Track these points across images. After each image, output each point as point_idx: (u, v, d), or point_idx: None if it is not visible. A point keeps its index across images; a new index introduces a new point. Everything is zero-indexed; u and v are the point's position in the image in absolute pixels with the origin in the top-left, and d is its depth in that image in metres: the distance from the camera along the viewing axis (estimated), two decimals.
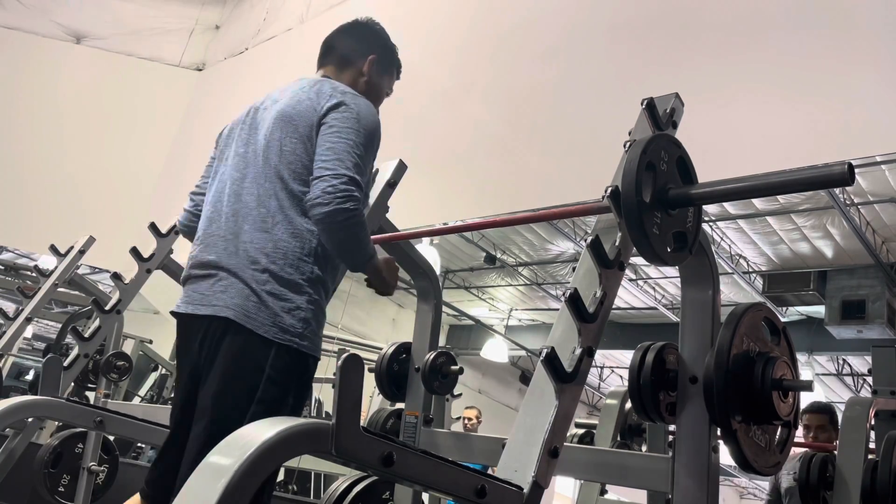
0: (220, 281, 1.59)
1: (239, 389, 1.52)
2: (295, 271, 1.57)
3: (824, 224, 6.87)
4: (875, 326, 6.87)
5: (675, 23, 3.39)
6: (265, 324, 1.53)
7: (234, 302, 1.55)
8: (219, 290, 1.58)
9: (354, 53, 1.89)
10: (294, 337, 1.55)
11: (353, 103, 1.68)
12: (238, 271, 1.58)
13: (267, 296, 1.54)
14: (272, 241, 1.58)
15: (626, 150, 1.41)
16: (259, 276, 1.56)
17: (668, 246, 1.40)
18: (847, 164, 1.21)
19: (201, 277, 1.64)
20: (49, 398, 2.28)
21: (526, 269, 9.38)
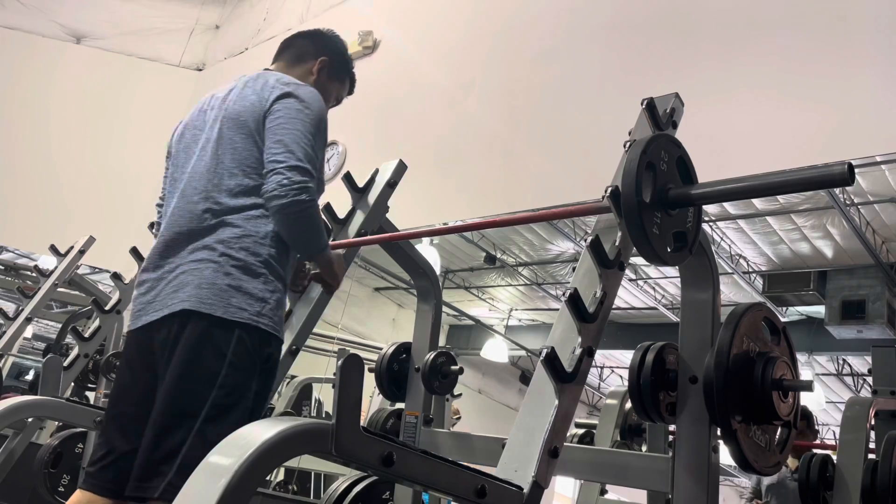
0: (171, 281, 1.58)
1: (200, 375, 1.49)
2: (249, 254, 1.57)
3: (824, 224, 6.87)
4: (875, 326, 6.87)
5: (675, 23, 3.39)
6: (221, 305, 1.52)
7: (188, 293, 1.54)
8: (171, 290, 1.57)
9: (307, 53, 1.92)
10: (252, 315, 1.53)
11: (297, 92, 1.69)
12: (193, 262, 1.57)
13: (223, 278, 1.54)
14: (227, 230, 1.59)
15: (626, 150, 1.41)
16: (214, 262, 1.56)
17: (668, 246, 1.40)
18: (847, 164, 1.21)
19: (153, 282, 1.62)
20: (49, 398, 2.28)
21: (526, 269, 9.38)
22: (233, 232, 1.59)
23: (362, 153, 4.53)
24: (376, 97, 4.68)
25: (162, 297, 1.58)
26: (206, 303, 1.52)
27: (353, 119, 4.87)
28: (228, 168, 1.65)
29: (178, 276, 1.57)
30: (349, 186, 2.34)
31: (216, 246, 1.57)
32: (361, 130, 4.64)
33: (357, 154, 4.61)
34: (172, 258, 1.61)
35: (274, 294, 1.59)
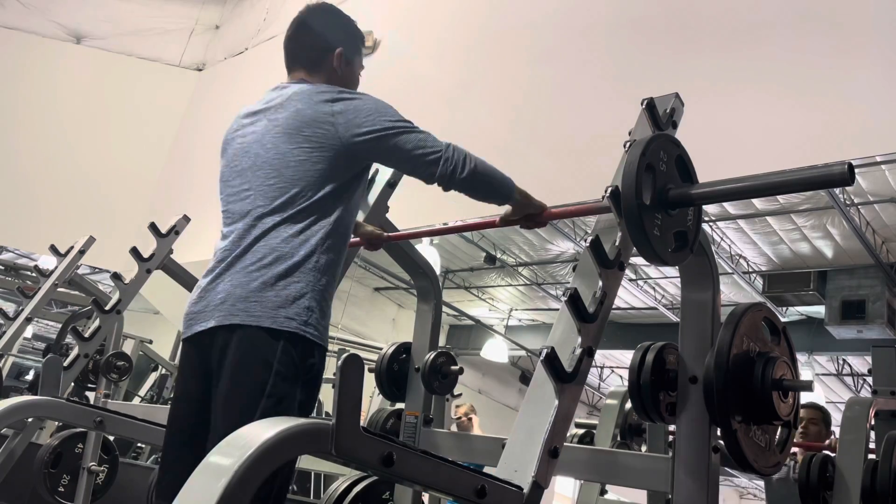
0: (220, 292, 1.59)
1: (249, 386, 1.51)
2: (296, 265, 1.57)
3: (824, 224, 6.87)
4: (875, 326, 6.87)
5: (675, 23, 3.38)
6: (268, 315, 1.52)
7: (235, 306, 1.55)
8: (218, 301, 1.58)
9: (320, 54, 1.86)
10: (300, 325, 1.54)
11: (361, 107, 1.68)
12: (239, 274, 1.58)
13: (269, 289, 1.54)
14: (275, 241, 1.59)
15: (626, 150, 1.41)
16: (261, 272, 1.56)
17: (669, 246, 1.40)
18: (847, 164, 1.21)
19: (203, 291, 1.64)
20: (49, 398, 2.28)
21: (526, 269, 9.39)
22: (280, 243, 1.58)
23: None
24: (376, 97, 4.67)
25: (210, 308, 1.59)
26: (254, 315, 1.53)
27: None
28: (276, 182, 1.63)
29: (227, 286, 1.58)
30: None
31: (264, 257, 1.57)
32: None
33: None
34: (225, 270, 1.61)
35: (320, 304, 1.59)
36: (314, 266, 1.59)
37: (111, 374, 3.63)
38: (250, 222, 1.62)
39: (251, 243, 1.60)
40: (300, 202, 1.61)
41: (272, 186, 1.63)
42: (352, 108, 1.67)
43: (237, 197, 1.69)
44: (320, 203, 1.62)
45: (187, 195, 5.87)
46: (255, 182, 1.67)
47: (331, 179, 1.63)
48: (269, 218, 1.61)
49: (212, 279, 1.62)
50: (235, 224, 1.66)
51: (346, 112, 1.66)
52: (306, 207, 1.61)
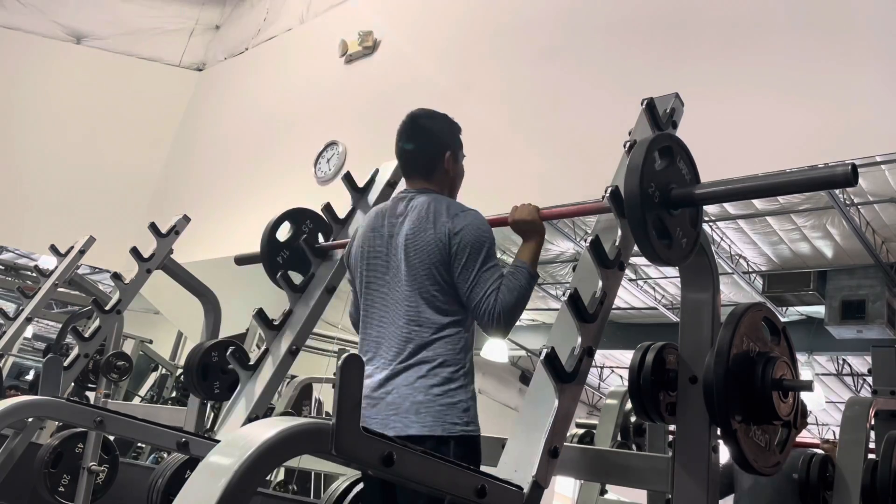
0: (390, 402, 1.70)
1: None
2: (452, 372, 1.69)
3: (824, 224, 6.86)
4: (875, 326, 6.86)
5: (675, 23, 3.39)
6: (440, 424, 1.64)
7: (409, 418, 1.65)
8: (391, 411, 1.68)
9: (433, 160, 1.95)
10: (463, 427, 1.67)
11: (468, 229, 1.77)
12: (406, 385, 1.69)
13: (434, 399, 1.66)
14: (430, 352, 1.71)
15: (626, 151, 1.41)
16: (425, 384, 1.68)
17: (671, 245, 1.41)
18: (850, 165, 1.21)
19: (372, 399, 1.73)
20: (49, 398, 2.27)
21: None
22: (435, 353, 1.71)
23: (362, 153, 4.53)
24: (376, 97, 4.67)
25: (382, 415, 1.69)
26: (427, 425, 1.64)
27: (352, 119, 4.87)
28: (422, 295, 1.76)
29: (395, 398, 1.69)
30: (349, 186, 2.34)
31: (423, 368, 1.70)
32: (361, 130, 4.64)
33: (357, 154, 4.60)
34: (388, 380, 1.72)
35: (473, 400, 1.73)
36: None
37: (111, 374, 3.63)
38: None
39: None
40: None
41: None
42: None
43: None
44: None
45: (187, 195, 5.88)
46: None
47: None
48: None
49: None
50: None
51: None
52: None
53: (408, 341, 1.72)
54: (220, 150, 5.91)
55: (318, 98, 5.14)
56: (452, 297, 1.75)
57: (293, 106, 5.29)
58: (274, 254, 2.40)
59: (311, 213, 2.49)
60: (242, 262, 2.79)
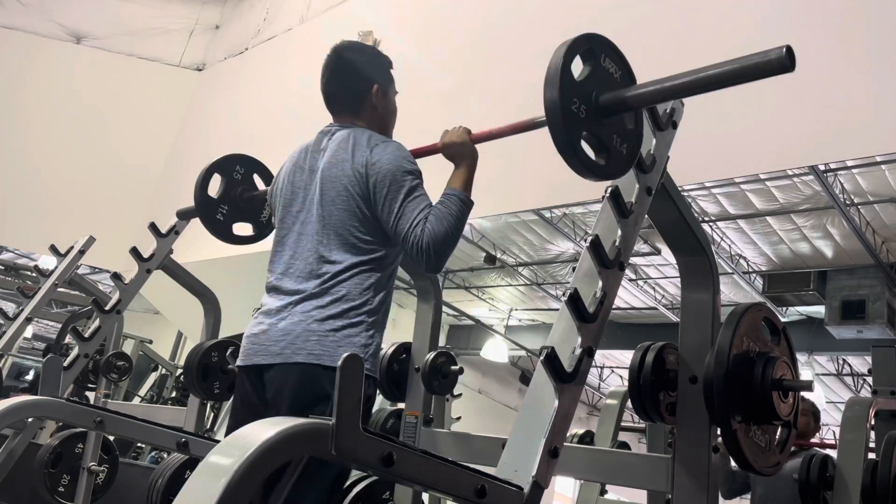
0: (282, 329, 1.66)
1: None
2: (353, 308, 1.65)
3: (824, 224, 6.87)
4: (875, 326, 6.87)
5: (674, 23, 3.39)
6: (328, 355, 1.59)
7: (299, 346, 1.61)
8: (279, 335, 1.64)
9: (357, 93, 1.90)
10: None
11: (387, 159, 1.72)
12: (303, 313, 1.65)
13: (331, 333, 1.61)
14: (334, 287, 1.66)
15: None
16: (322, 315, 1.63)
17: (608, 159, 1.32)
18: (785, 47, 1.16)
19: (267, 325, 1.70)
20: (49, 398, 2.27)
21: (526, 269, 9.39)
22: (338, 289, 1.66)
23: None
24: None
25: (271, 342, 1.65)
26: (315, 353, 1.60)
27: None
28: (334, 229, 1.70)
29: (290, 326, 1.64)
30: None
31: (324, 299, 1.65)
32: None
33: None
34: (284, 307, 1.68)
35: (373, 341, 1.67)
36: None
37: (111, 374, 3.63)
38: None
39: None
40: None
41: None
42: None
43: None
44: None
45: (187, 195, 5.87)
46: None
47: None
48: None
49: None
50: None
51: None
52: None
53: (314, 276, 1.67)
54: (220, 149, 5.90)
55: (318, 98, 5.13)
56: (375, 232, 1.69)
57: (293, 106, 5.29)
58: (212, 212, 2.32)
59: (237, 157, 2.43)
60: (184, 215, 2.72)
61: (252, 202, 2.34)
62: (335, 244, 1.68)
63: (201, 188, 2.31)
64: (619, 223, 1.36)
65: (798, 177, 6.17)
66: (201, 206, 2.29)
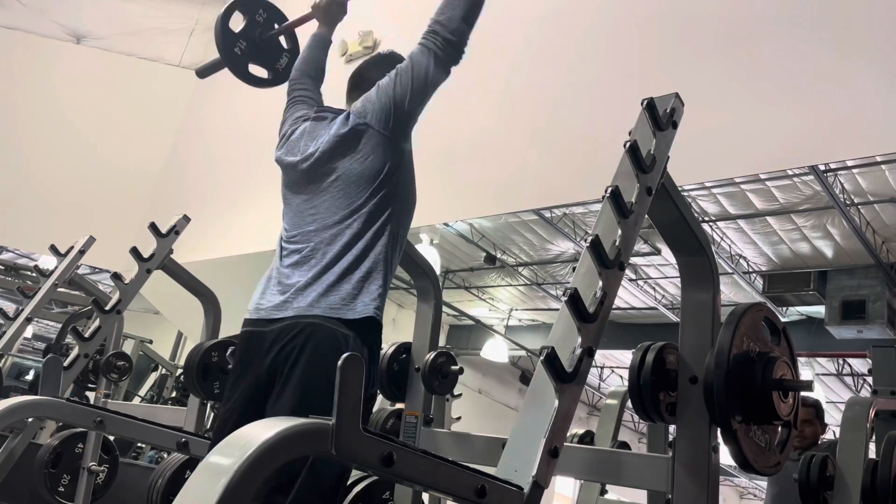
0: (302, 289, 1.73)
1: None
2: (362, 262, 1.74)
3: (824, 224, 6.87)
4: (875, 326, 6.87)
5: (675, 23, 3.38)
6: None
7: (313, 300, 1.69)
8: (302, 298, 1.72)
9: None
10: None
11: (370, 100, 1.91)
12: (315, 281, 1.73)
13: (343, 286, 1.71)
14: (343, 242, 1.76)
15: (627, 150, 1.41)
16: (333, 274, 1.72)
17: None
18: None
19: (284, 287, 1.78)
20: (49, 398, 2.27)
21: (526, 269, 9.39)
22: (347, 245, 1.76)
23: None
24: None
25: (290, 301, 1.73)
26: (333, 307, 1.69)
27: None
28: (342, 190, 1.82)
29: (306, 285, 1.73)
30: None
31: (337, 258, 1.74)
32: None
33: None
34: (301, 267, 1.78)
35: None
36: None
37: (111, 374, 3.63)
38: None
39: None
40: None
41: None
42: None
43: None
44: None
45: (187, 195, 5.87)
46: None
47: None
48: None
49: None
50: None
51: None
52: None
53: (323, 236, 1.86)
54: (221, 149, 5.91)
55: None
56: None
57: None
58: (230, 44, 2.40)
59: (263, 1, 2.52)
60: (204, 72, 2.82)
61: (270, 44, 2.47)
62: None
63: (223, 19, 2.40)
64: (619, 223, 1.36)
65: (798, 177, 6.17)
66: (221, 36, 2.38)
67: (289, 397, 1.60)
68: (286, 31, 2.50)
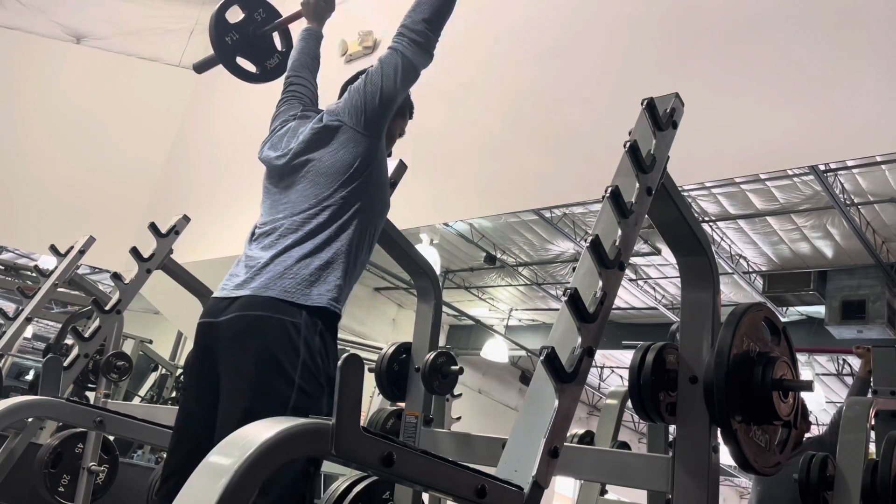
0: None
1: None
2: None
3: (824, 224, 6.87)
4: (875, 326, 6.87)
5: (675, 23, 3.38)
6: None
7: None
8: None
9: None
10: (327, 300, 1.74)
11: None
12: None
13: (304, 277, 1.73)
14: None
15: (626, 150, 1.41)
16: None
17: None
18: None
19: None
20: (49, 398, 2.27)
21: (526, 269, 9.38)
22: (311, 233, 1.81)
23: None
24: None
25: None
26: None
27: None
28: (312, 181, 1.87)
29: (264, 266, 1.79)
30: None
31: (297, 242, 1.80)
32: None
33: None
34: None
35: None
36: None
37: (111, 374, 3.62)
38: None
39: None
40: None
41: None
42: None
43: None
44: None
45: (187, 195, 5.87)
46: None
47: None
48: None
49: None
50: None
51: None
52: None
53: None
54: (220, 149, 5.91)
55: (318, 98, 5.13)
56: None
57: None
58: (223, 33, 2.47)
59: (264, 1, 2.59)
60: (201, 67, 2.88)
61: (263, 42, 2.52)
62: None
63: (220, 9, 2.49)
64: (619, 223, 1.36)
65: (798, 177, 6.17)
66: (216, 23, 2.47)
67: (240, 396, 1.61)
68: (279, 28, 2.53)
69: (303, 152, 1.92)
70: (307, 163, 1.90)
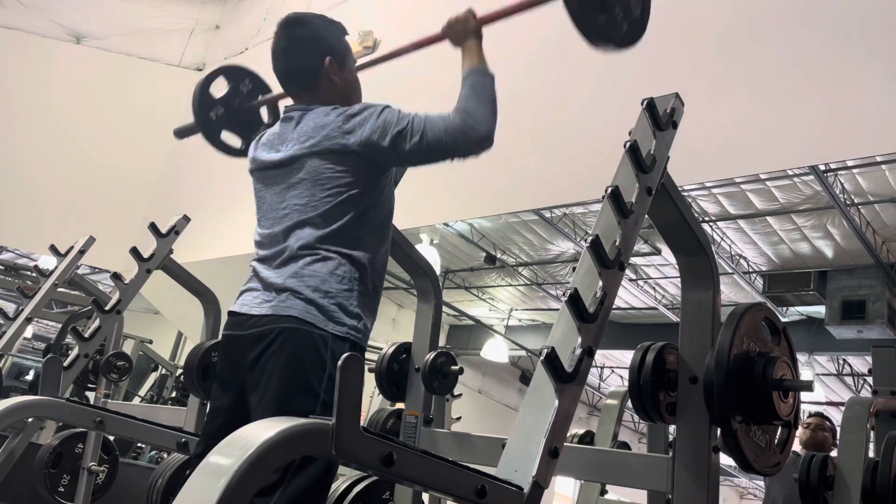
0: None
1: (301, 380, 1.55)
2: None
3: (824, 224, 6.87)
4: (875, 326, 6.87)
5: (675, 23, 3.38)
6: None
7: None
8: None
9: (311, 69, 1.82)
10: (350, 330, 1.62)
11: (358, 126, 1.75)
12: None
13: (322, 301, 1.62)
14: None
15: (626, 150, 1.41)
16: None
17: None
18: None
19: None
20: (49, 398, 2.27)
21: (526, 269, 9.38)
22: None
23: None
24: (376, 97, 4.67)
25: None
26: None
27: None
28: (312, 202, 1.70)
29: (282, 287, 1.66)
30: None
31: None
32: None
33: None
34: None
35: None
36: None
37: (111, 374, 3.62)
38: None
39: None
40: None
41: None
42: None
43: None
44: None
45: (187, 195, 5.87)
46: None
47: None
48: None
49: None
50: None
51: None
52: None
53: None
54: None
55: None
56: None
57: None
58: (206, 108, 2.34)
59: (250, 72, 2.45)
60: (181, 134, 2.76)
61: (249, 115, 2.39)
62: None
63: (204, 83, 2.37)
64: (620, 223, 1.36)
65: (798, 177, 6.17)
66: (199, 98, 2.35)
67: (269, 403, 1.57)
68: (267, 104, 2.38)
69: (301, 158, 1.81)
70: (302, 169, 1.78)
